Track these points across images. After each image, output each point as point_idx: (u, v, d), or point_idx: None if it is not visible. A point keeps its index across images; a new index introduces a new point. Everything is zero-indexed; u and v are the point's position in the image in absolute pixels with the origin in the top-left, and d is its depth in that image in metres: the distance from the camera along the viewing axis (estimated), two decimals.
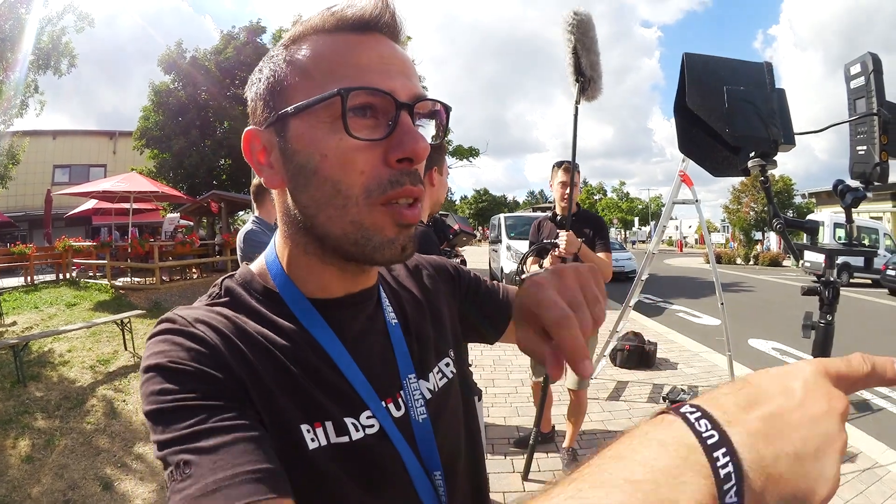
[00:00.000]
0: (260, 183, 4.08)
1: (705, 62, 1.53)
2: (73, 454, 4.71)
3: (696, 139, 1.80)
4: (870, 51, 1.64)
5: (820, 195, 35.13)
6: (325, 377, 0.71)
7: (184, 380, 0.60)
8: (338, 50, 0.68)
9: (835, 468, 0.38)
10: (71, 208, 22.44)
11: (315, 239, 0.72)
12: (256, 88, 0.74)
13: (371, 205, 0.67)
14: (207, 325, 0.67)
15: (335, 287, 0.77)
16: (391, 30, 0.72)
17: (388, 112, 0.67)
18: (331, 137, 0.65)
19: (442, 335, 0.94)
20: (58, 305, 11.38)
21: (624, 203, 78.70)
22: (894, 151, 1.59)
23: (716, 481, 0.34)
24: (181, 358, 0.62)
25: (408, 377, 0.81)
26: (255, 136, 0.73)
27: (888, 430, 5.38)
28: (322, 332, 0.74)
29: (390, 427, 0.74)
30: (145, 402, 0.61)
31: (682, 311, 13.49)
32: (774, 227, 1.62)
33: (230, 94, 25.22)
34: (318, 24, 0.70)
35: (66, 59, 15.63)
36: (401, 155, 0.66)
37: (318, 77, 0.67)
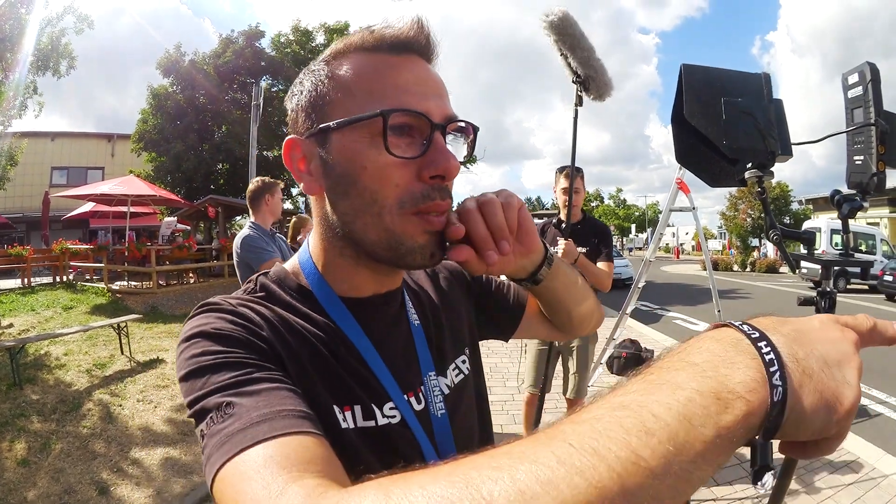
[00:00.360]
0: (255, 188, 4.12)
1: (703, 73, 1.53)
2: (70, 458, 4.70)
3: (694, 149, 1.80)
4: (868, 60, 1.65)
5: (817, 201, 35.22)
6: (353, 368, 0.77)
7: (227, 343, 0.66)
8: (377, 70, 0.74)
9: (855, 379, 0.45)
10: (68, 210, 22.42)
11: (351, 243, 0.78)
12: (298, 100, 0.79)
13: (403, 214, 0.72)
14: (249, 309, 0.73)
15: (365, 288, 0.84)
16: (426, 52, 0.78)
17: (423, 131, 0.72)
18: (370, 152, 0.71)
19: (459, 334, 1.00)
20: (54, 308, 11.38)
21: (621, 210, 78.57)
22: (892, 161, 1.60)
23: (763, 363, 0.41)
24: (224, 327, 0.68)
25: (428, 374, 0.87)
26: (296, 144, 0.78)
27: (885, 436, 5.39)
28: (351, 328, 0.80)
29: (411, 419, 0.80)
30: (184, 365, 0.65)
31: (679, 318, 13.51)
32: (771, 239, 1.62)
33: (228, 99, 25.25)
34: (358, 43, 0.76)
35: (65, 60, 15.60)
36: (433, 172, 0.72)
37: (359, 95, 0.72)
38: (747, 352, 0.42)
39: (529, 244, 0.82)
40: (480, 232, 0.72)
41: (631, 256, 37.92)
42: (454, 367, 0.95)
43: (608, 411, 0.39)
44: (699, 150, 1.78)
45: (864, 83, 1.65)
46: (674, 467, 0.36)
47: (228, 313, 0.71)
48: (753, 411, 0.39)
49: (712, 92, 1.51)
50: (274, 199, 4.10)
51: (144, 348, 8.51)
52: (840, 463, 4.50)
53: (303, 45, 27.73)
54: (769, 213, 1.64)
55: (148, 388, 6.62)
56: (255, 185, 4.15)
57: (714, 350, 0.43)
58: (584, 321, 1.08)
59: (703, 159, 1.80)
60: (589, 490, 0.34)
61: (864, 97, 1.64)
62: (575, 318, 1.04)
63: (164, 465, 4.60)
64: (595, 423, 0.38)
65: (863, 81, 1.65)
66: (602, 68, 3.29)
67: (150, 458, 4.72)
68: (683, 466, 0.36)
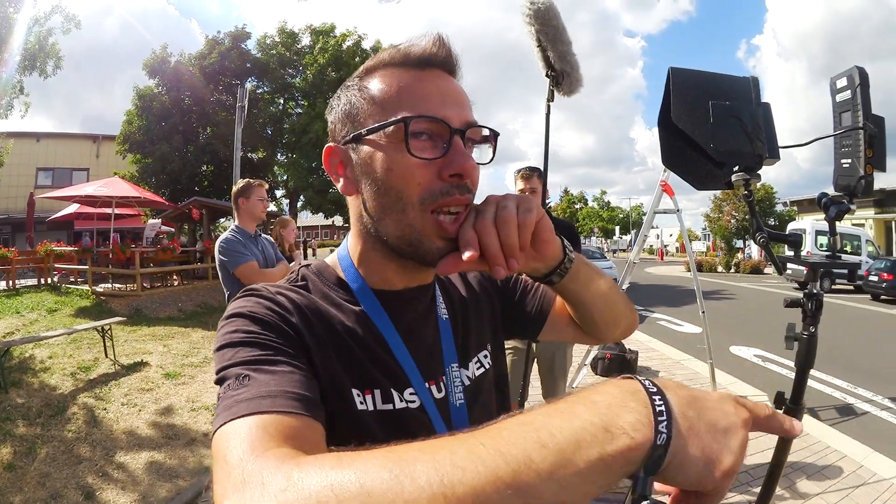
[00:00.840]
0: (233, 192, 4.08)
1: (691, 76, 1.53)
2: (55, 462, 4.65)
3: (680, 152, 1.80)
4: (856, 64, 1.65)
5: (801, 203, 35.46)
6: (377, 354, 0.85)
7: (260, 326, 0.75)
8: (402, 83, 0.82)
9: (738, 448, 0.50)
10: (53, 212, 22.15)
11: (380, 239, 0.85)
12: (336, 113, 0.88)
13: (423, 211, 0.79)
14: (285, 297, 0.82)
15: (396, 281, 0.91)
16: (447, 66, 0.86)
17: (444, 136, 0.80)
18: (396, 155, 0.79)
19: (483, 329, 1.07)
20: (39, 311, 11.26)
21: (605, 212, 78.74)
22: (879, 164, 1.60)
23: (653, 412, 0.47)
24: (260, 311, 0.77)
25: (451, 365, 0.94)
26: (335, 151, 0.88)
27: (872, 434, 5.44)
28: (380, 317, 0.88)
29: (430, 405, 0.87)
30: (220, 339, 0.75)
31: (663, 319, 13.54)
32: (758, 241, 1.63)
33: (214, 100, 25.13)
34: (386, 59, 0.85)
35: (51, 60, 15.47)
36: (452, 171, 0.79)
37: (386, 105, 0.81)
38: (642, 401, 0.48)
39: (544, 252, 0.85)
40: (492, 249, 0.76)
41: (615, 258, 38.01)
42: (476, 360, 1.01)
43: (516, 426, 0.48)
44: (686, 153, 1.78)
45: (853, 87, 1.65)
46: (558, 475, 0.44)
47: (266, 299, 0.80)
48: (636, 447, 0.46)
49: (700, 95, 1.51)
50: (250, 202, 4.04)
51: (128, 351, 8.44)
52: (828, 462, 4.52)
53: (288, 46, 27.66)
54: (756, 216, 1.64)
55: (132, 391, 6.56)
56: (234, 188, 4.12)
57: (614, 394, 0.50)
58: (610, 325, 1.10)
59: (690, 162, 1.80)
60: (489, 477, 0.43)
61: (853, 101, 1.65)
62: (600, 322, 1.07)
63: (149, 470, 4.56)
64: (503, 431, 0.48)
65: (851, 85, 1.66)
66: (577, 64, 3.28)
67: (135, 463, 4.68)
68: (567, 477, 0.44)
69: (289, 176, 27.57)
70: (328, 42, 26.46)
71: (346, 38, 26.89)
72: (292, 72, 27.76)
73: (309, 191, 26.42)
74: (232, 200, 4.12)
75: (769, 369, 8.31)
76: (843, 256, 1.82)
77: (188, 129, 24.97)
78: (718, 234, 43.08)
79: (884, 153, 1.64)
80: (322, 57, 25.77)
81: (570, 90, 3.34)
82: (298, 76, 27.61)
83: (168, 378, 7.14)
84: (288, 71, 27.53)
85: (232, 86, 22.73)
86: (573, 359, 4.32)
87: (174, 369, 7.55)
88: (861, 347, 9.92)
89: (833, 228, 1.67)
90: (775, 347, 9.65)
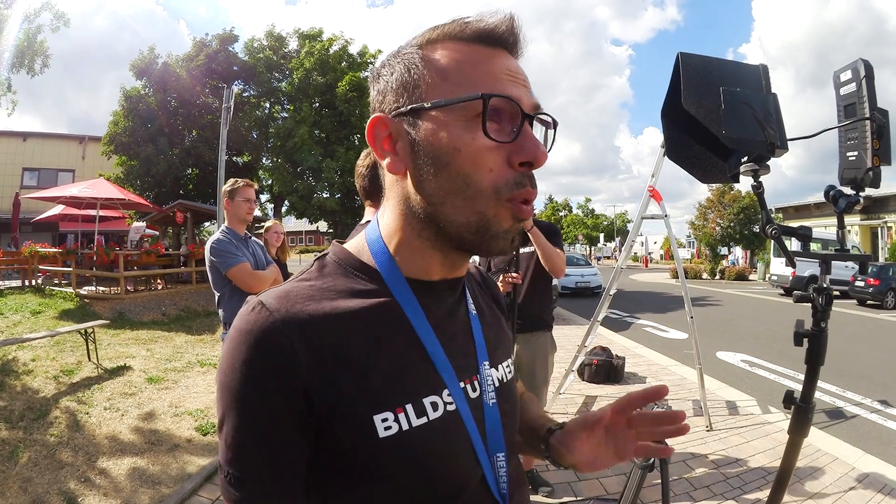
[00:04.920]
0: (223, 192, 4.01)
1: (701, 62, 1.50)
2: (37, 467, 4.54)
3: (685, 145, 1.77)
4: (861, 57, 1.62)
5: (787, 210, 35.85)
6: (410, 358, 0.78)
7: (250, 416, 0.71)
8: (473, 58, 0.75)
9: None
10: (38, 213, 21.89)
11: (433, 225, 0.77)
12: (387, 80, 0.79)
13: (498, 200, 0.73)
14: (291, 321, 0.71)
15: (434, 271, 0.84)
16: (515, 47, 0.80)
17: (514, 119, 0.74)
18: (465, 134, 0.72)
19: (505, 336, 1.03)
20: (22, 313, 11.13)
21: (589, 219, 79.05)
22: (885, 157, 1.58)
23: None
24: (251, 390, 0.70)
25: (483, 363, 0.88)
26: (383, 122, 0.78)
27: (863, 436, 5.47)
28: (413, 310, 0.80)
29: (464, 407, 0.80)
30: (217, 399, 0.73)
31: (649, 325, 13.59)
32: (770, 234, 1.59)
33: (200, 103, 24.98)
34: (452, 32, 0.77)
35: (39, 58, 15.28)
36: (524, 159, 0.73)
37: (455, 79, 0.74)
38: None
39: None
40: None
41: (600, 265, 38.16)
42: (505, 365, 0.96)
43: None
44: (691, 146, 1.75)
45: (858, 79, 1.63)
46: None
47: (270, 349, 0.70)
48: None
49: (710, 81, 1.47)
50: (234, 203, 3.96)
51: (112, 355, 8.33)
52: (820, 465, 4.52)
53: (276, 50, 27.59)
54: (765, 209, 1.61)
55: (115, 395, 6.45)
56: (224, 188, 4.06)
57: None
58: None
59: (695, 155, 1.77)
60: None
61: (858, 93, 1.62)
62: None
63: (132, 476, 4.47)
64: None
65: (856, 78, 1.64)
66: None
67: (118, 468, 4.58)
68: None
69: (273, 180, 27.42)
70: (315, 46, 26.37)
71: (332, 42, 26.80)
72: (279, 76, 27.65)
73: (293, 196, 26.28)
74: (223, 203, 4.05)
75: (756, 374, 8.34)
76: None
77: (173, 131, 24.81)
78: (703, 241, 43.37)
79: (889, 145, 1.61)
80: (309, 61, 25.65)
81: None
82: (285, 80, 27.52)
83: (151, 382, 7.03)
84: (274, 75, 27.41)
85: (218, 89, 22.60)
86: (556, 366, 4.24)
87: (157, 374, 7.44)
88: (849, 352, 10.01)
89: (842, 221, 1.63)
90: (761, 352, 9.74)
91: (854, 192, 1.60)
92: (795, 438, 1.71)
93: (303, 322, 0.72)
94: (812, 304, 1.54)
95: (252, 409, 0.70)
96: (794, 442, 1.71)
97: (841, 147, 1.69)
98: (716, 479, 4.27)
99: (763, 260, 33.15)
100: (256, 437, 0.71)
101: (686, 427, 0.86)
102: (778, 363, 8.83)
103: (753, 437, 5.26)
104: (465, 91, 0.72)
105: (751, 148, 1.49)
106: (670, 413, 0.88)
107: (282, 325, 0.71)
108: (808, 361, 1.57)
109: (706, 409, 5.55)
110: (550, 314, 4.05)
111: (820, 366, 1.56)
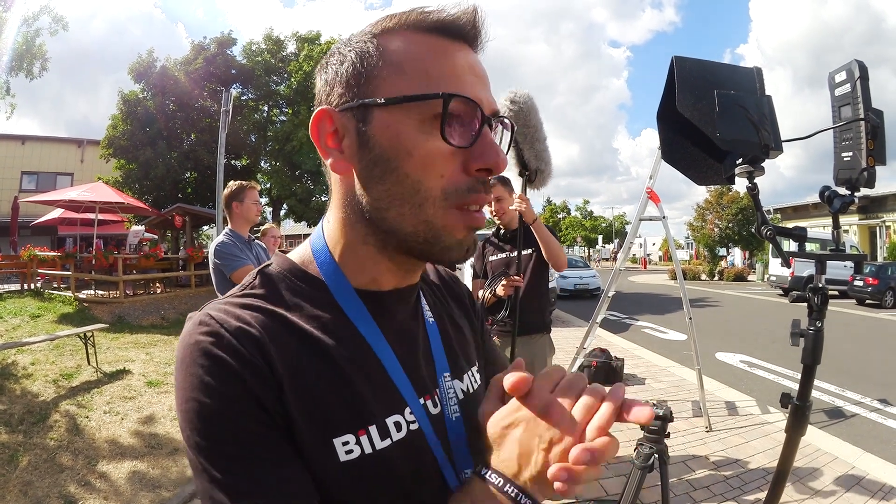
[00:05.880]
0: (226, 195, 3.99)
1: (695, 65, 1.50)
2: (37, 471, 4.55)
3: (681, 148, 1.78)
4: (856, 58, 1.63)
5: (786, 210, 35.86)
6: (369, 375, 0.71)
7: (213, 426, 0.62)
8: (433, 52, 0.68)
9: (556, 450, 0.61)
10: (37, 216, 21.86)
11: (378, 231, 0.71)
12: (336, 70, 0.72)
13: (447, 207, 0.68)
14: (243, 334, 0.65)
15: (385, 280, 0.77)
16: (475, 42, 0.73)
17: (473, 122, 0.68)
18: (419, 136, 0.66)
19: (469, 343, 0.95)
20: (22, 316, 11.10)
21: (587, 221, 79.06)
22: (880, 158, 1.58)
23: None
24: (211, 400, 0.62)
25: (443, 375, 0.82)
26: (328, 116, 0.71)
27: (862, 435, 5.47)
28: (367, 325, 0.74)
29: (426, 425, 0.75)
30: (179, 418, 0.64)
31: (648, 327, 13.58)
32: (764, 234, 1.60)
33: (198, 106, 25.01)
34: (411, 21, 0.70)
35: (38, 61, 15.29)
36: (482, 165, 0.68)
37: (412, 74, 0.67)
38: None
39: None
40: None
41: (598, 267, 38.08)
42: (469, 374, 0.89)
43: None
44: (686, 148, 1.76)
45: (853, 80, 1.64)
46: None
47: (216, 359, 0.63)
48: None
49: (705, 84, 1.48)
50: (244, 205, 3.96)
51: (111, 359, 8.31)
52: (819, 464, 4.52)
53: (274, 53, 27.66)
54: (761, 209, 1.61)
55: (114, 399, 6.45)
56: (226, 190, 4.03)
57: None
58: None
59: (690, 157, 1.78)
60: None
61: (853, 94, 1.63)
62: None
63: (132, 479, 4.47)
64: None
65: (851, 79, 1.64)
66: (550, 159, 3.29)
67: (118, 472, 4.58)
68: None
69: (272, 184, 27.49)
70: (313, 49, 26.41)
71: (330, 45, 26.81)
72: (277, 79, 27.74)
73: (292, 199, 26.34)
74: (224, 204, 4.03)
75: (755, 374, 8.33)
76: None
77: (172, 134, 24.86)
78: (702, 242, 43.36)
79: (884, 146, 1.62)
80: (307, 64, 25.69)
81: (543, 183, 3.35)
82: (283, 83, 27.58)
83: (150, 386, 7.03)
84: (273, 78, 27.49)
85: (217, 92, 22.64)
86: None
87: (156, 377, 7.43)
88: (848, 351, 10.02)
89: (836, 221, 1.64)
90: (761, 353, 9.73)
91: (849, 192, 1.61)
92: (793, 437, 1.72)
93: (254, 338, 0.65)
94: (808, 303, 1.55)
95: (227, 420, 0.62)
96: (791, 440, 1.71)
97: (836, 147, 1.70)
98: (715, 480, 4.27)
99: (762, 261, 33.17)
100: (239, 443, 0.62)
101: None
102: (777, 363, 8.84)
103: (753, 437, 5.26)
104: (422, 88, 0.66)
105: (745, 150, 1.50)
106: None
107: (234, 338, 0.64)
108: (804, 360, 1.58)
109: (705, 410, 5.56)
110: (549, 316, 4.05)
111: (816, 365, 1.57)
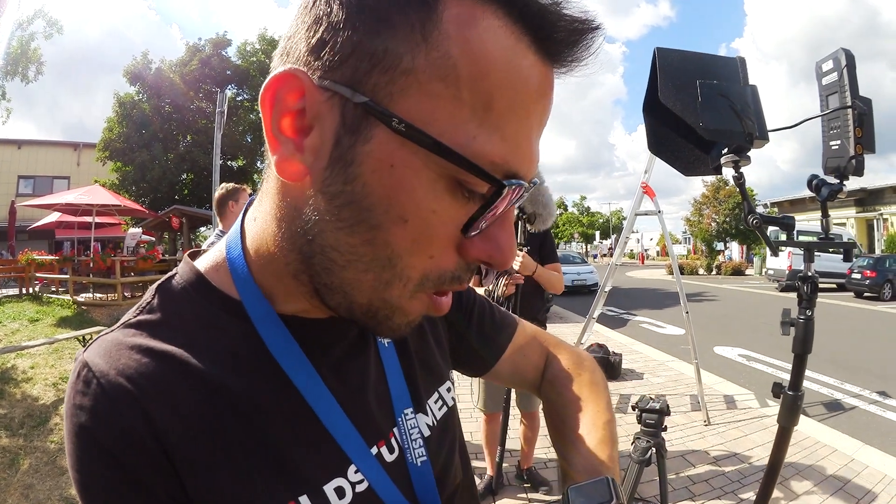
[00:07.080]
0: (219, 195, 3.97)
1: (677, 56, 1.51)
2: (38, 474, 4.55)
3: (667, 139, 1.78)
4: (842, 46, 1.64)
5: (782, 204, 35.88)
6: (299, 428, 0.56)
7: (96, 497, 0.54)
8: (517, 80, 0.44)
9: None
10: (34, 220, 21.86)
11: (318, 279, 0.51)
12: (335, 27, 0.43)
13: (418, 292, 0.50)
14: (122, 396, 0.49)
15: (315, 311, 0.58)
16: (562, 69, 0.49)
17: (500, 204, 0.47)
18: (426, 197, 0.45)
19: (443, 356, 0.80)
20: (20, 320, 11.10)
21: (585, 217, 78.99)
22: (868, 145, 1.59)
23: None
24: (86, 477, 0.53)
25: (404, 412, 0.67)
26: (297, 84, 0.45)
27: (861, 428, 5.47)
28: (294, 362, 0.56)
29: (381, 480, 0.60)
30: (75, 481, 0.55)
31: (645, 321, 13.54)
32: (751, 224, 1.60)
33: (194, 108, 25.04)
34: (513, 15, 0.44)
35: (33, 65, 15.30)
36: (486, 258, 0.50)
37: (470, 103, 0.43)
38: None
39: None
40: None
41: (595, 263, 38.07)
42: (437, 397, 0.74)
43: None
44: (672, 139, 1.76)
45: (840, 69, 1.64)
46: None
47: (89, 439, 0.50)
48: None
49: (687, 75, 1.48)
50: (238, 205, 3.92)
51: None
52: (819, 457, 4.52)
53: (269, 53, 27.59)
54: (747, 199, 1.62)
55: None
56: (220, 191, 4.01)
57: None
58: None
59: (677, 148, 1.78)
60: None
61: (840, 82, 1.63)
62: None
63: None
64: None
65: (838, 67, 1.65)
66: (550, 199, 3.32)
67: None
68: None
69: None
70: None
71: None
72: None
73: None
74: (216, 205, 4.00)
75: (754, 368, 8.32)
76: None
77: (168, 136, 24.90)
78: (699, 236, 43.33)
79: (872, 133, 1.62)
80: None
81: (544, 225, 3.37)
82: None
83: None
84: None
85: (212, 93, 22.67)
86: None
87: None
88: (846, 344, 10.01)
89: (825, 209, 1.65)
90: (759, 346, 9.71)
91: (838, 180, 1.61)
92: (786, 427, 1.72)
93: (137, 404, 0.49)
94: (797, 292, 1.55)
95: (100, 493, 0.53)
96: (784, 431, 1.72)
97: (824, 136, 1.70)
98: (714, 474, 4.27)
99: (759, 254, 33.14)
100: None
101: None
102: (776, 356, 8.83)
103: (752, 430, 5.26)
104: (473, 129, 0.43)
105: (729, 139, 1.51)
106: None
107: (111, 402, 0.49)
108: (794, 350, 1.58)
109: (704, 404, 5.55)
110: (544, 315, 4.03)
111: (807, 353, 1.57)
